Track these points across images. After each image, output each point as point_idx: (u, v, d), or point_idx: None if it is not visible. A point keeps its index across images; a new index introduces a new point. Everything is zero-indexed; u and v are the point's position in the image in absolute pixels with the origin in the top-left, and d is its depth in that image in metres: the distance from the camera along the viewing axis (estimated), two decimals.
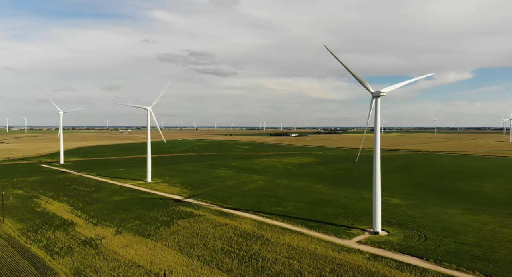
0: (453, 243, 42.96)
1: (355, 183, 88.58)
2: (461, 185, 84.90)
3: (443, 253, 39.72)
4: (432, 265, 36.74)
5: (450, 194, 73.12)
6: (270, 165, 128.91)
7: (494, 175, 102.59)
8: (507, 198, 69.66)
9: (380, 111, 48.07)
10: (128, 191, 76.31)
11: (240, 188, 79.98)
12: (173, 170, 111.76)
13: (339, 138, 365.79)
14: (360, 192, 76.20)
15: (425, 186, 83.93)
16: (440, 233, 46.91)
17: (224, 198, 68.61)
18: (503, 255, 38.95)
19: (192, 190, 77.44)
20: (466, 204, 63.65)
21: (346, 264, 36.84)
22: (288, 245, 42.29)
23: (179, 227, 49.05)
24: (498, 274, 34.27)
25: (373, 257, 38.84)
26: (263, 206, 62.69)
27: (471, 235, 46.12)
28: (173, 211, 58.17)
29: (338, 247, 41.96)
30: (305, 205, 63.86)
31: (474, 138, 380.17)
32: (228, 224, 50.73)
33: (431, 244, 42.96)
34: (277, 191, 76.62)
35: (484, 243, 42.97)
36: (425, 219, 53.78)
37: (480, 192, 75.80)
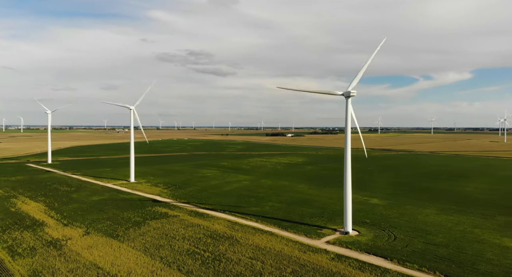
0: (421, 243, 42.73)
1: (339, 183, 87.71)
2: (444, 185, 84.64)
3: (408, 254, 39.43)
4: (394, 266, 36.43)
5: (431, 194, 72.86)
6: (259, 165, 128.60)
7: (480, 175, 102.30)
8: (487, 198, 69.45)
9: (352, 111, 47.93)
10: (108, 191, 75.95)
11: (222, 188, 79.63)
12: (160, 169, 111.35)
13: (334, 138, 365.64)
14: (341, 192, 75.63)
15: (409, 186, 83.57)
16: (410, 233, 46.68)
17: (203, 199, 68.16)
18: (469, 256, 38.69)
19: (174, 190, 77.04)
20: (444, 204, 63.41)
21: (309, 265, 36.55)
22: (256, 246, 41.98)
23: (150, 228, 48.65)
24: (459, 275, 33.92)
25: (337, 257, 38.55)
26: (241, 206, 62.29)
27: (441, 235, 45.89)
28: (148, 211, 57.75)
29: (305, 247, 41.68)
30: (283, 205, 63.57)
31: (469, 138, 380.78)
32: (201, 224, 50.38)
33: (399, 244, 42.66)
34: (258, 191, 76.26)
35: (453, 243, 42.72)
36: (399, 219, 53.53)
37: (461, 192, 75.57)
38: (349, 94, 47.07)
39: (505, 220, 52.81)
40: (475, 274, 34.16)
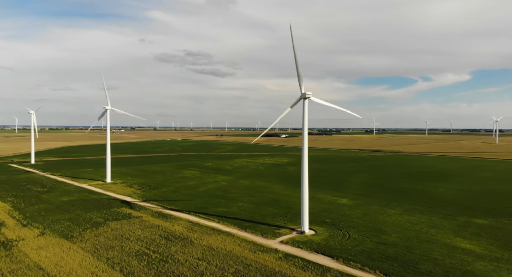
0: (373, 243, 42.91)
1: (315, 183, 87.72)
2: (418, 186, 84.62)
3: (356, 253, 39.54)
4: (338, 265, 36.55)
5: (402, 195, 72.92)
6: (243, 165, 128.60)
7: (457, 176, 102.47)
8: (455, 199, 69.51)
9: (307, 112, 48.12)
10: (80, 191, 75.73)
11: (197, 189, 79.51)
12: (141, 170, 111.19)
13: (328, 139, 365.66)
14: (315, 192, 75.81)
15: (383, 186, 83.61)
16: (366, 233, 46.81)
17: (173, 199, 67.96)
18: (415, 255, 38.80)
19: (146, 191, 76.89)
20: (410, 205, 63.52)
21: (254, 264, 36.54)
22: (208, 246, 41.98)
23: (108, 229, 48.56)
24: (399, 273, 34.07)
25: (285, 257, 38.60)
26: (209, 207, 62.31)
27: (395, 235, 46.01)
28: (112, 212, 57.60)
29: (257, 247, 41.65)
30: (252, 205, 63.56)
31: (462, 139, 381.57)
32: (160, 225, 50.36)
33: (351, 243, 42.80)
34: (232, 192, 76.25)
35: (404, 243, 42.85)
36: (360, 219, 53.68)
37: (432, 192, 75.67)
38: (306, 95, 47.37)
39: (465, 220, 53.06)
40: (415, 273, 34.33)
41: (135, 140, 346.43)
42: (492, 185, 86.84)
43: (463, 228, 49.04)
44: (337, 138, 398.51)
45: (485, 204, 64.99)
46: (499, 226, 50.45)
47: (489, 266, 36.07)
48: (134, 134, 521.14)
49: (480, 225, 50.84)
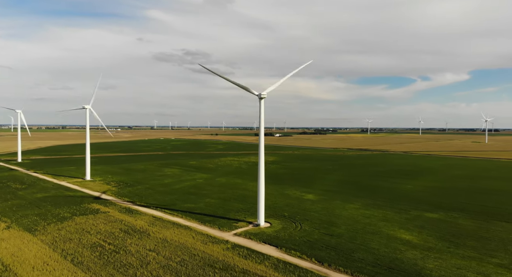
0: (320, 234, 45.32)
1: (290, 180, 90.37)
2: (388, 183, 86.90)
3: (300, 243, 41.92)
4: (279, 253, 38.86)
5: (368, 191, 75.24)
6: (226, 164, 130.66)
7: (431, 173, 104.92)
8: (418, 195, 71.72)
9: (263, 111, 50.22)
10: (57, 188, 77.75)
11: (172, 187, 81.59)
12: (123, 168, 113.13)
13: (320, 139, 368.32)
14: (285, 188, 78.24)
15: (354, 183, 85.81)
16: (317, 225, 49.17)
17: (145, 196, 70.00)
18: (355, 245, 41.20)
19: (122, 188, 78.91)
20: (372, 200, 65.89)
21: (201, 254, 38.77)
22: (163, 239, 44.12)
23: (72, 223, 50.62)
24: (333, 261, 36.47)
25: (233, 247, 40.83)
26: (177, 203, 64.41)
27: (344, 227, 48.42)
28: (81, 208, 59.58)
29: (210, 239, 43.90)
30: (219, 201, 65.71)
31: (454, 139, 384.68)
32: (124, 220, 52.42)
33: (299, 234, 45.14)
34: (205, 189, 78.37)
35: (349, 234, 45.27)
36: (317, 213, 55.94)
37: (398, 189, 78.05)
38: (261, 96, 49.46)
39: (417, 214, 55.46)
40: (347, 260, 36.73)
41: (128, 139, 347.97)
42: (460, 182, 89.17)
43: (410, 221, 51.43)
44: (330, 138, 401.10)
45: (443, 199, 67.46)
46: (446, 219, 52.86)
47: (418, 254, 38.44)
48: (129, 133, 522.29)
49: (429, 218, 53.28)
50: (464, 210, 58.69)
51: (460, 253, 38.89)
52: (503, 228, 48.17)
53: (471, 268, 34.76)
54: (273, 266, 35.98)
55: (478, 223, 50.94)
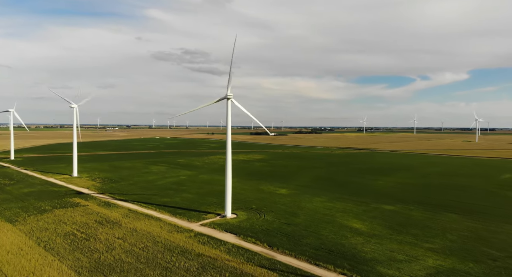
0: (279, 223, 49.10)
1: (269, 177, 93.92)
2: (362, 179, 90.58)
3: (258, 231, 45.67)
4: (236, 240, 42.64)
5: (339, 186, 78.85)
6: (214, 162, 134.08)
7: (408, 170, 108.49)
8: (386, 189, 75.40)
9: (230, 111, 53.68)
10: (44, 184, 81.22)
11: (154, 183, 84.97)
12: (112, 166, 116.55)
13: (314, 138, 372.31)
14: (261, 184, 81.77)
15: (330, 180, 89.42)
16: (280, 216, 52.92)
17: (126, 191, 73.59)
18: (307, 232, 45.10)
19: (106, 184, 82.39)
20: (339, 194, 69.61)
21: (163, 242, 42.29)
22: (133, 229, 47.63)
23: (51, 215, 54.13)
24: (282, 245, 40.41)
25: (195, 235, 44.46)
26: (155, 198, 67.88)
27: (303, 217, 52.21)
28: (63, 201, 63.10)
29: (176, 228, 47.50)
30: (196, 196, 69.21)
31: (446, 138, 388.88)
32: (100, 212, 55.92)
33: (259, 224, 48.88)
34: (185, 185, 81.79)
35: (305, 223, 49.14)
36: (283, 205, 59.72)
37: (369, 185, 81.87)
38: (227, 97, 52.93)
39: (375, 206, 59.25)
40: (295, 245, 40.57)
41: (123, 138, 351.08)
42: (432, 179, 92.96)
43: (367, 213, 55.19)
44: (324, 137, 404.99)
45: (407, 194, 71.22)
46: (401, 211, 56.60)
47: (361, 240, 42.15)
48: (125, 132, 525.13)
49: (385, 210, 57.07)
50: (422, 203, 62.47)
51: (399, 239, 42.55)
52: (449, 218, 51.92)
53: (403, 251, 38.44)
54: (227, 250, 39.57)
55: (429, 214, 54.75)
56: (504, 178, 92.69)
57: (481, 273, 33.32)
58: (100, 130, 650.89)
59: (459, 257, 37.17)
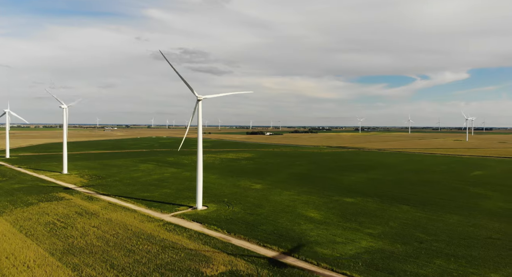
0: (244, 213, 53.83)
1: (250, 174, 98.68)
2: (337, 175, 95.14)
3: (222, 220, 50.33)
4: (200, 227, 47.32)
5: (312, 182, 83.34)
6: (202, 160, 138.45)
7: (385, 168, 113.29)
8: (355, 185, 79.93)
9: (201, 112, 58.24)
10: (34, 180, 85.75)
11: (138, 179, 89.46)
12: (102, 164, 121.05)
13: (308, 137, 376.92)
14: (240, 180, 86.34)
15: (306, 176, 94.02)
16: (246, 208, 57.70)
17: (110, 187, 78.09)
18: (266, 221, 49.81)
19: (93, 180, 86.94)
20: (308, 188, 74.32)
21: (134, 229, 46.82)
22: (108, 219, 52.12)
23: (36, 207, 58.69)
24: (240, 231, 45.12)
25: (164, 224, 49.00)
26: (136, 192, 72.40)
27: (267, 208, 57.01)
28: (49, 196, 67.73)
29: (148, 219, 52.01)
30: (174, 191, 73.74)
31: (438, 137, 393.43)
32: (82, 205, 60.43)
33: (225, 214, 53.59)
34: (168, 181, 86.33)
35: (267, 213, 53.85)
36: (253, 199, 64.46)
37: (341, 180, 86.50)
38: (198, 98, 57.46)
39: (336, 199, 64.05)
40: (252, 230, 45.37)
41: (120, 137, 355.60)
42: (405, 175, 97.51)
43: (326, 204, 59.95)
44: (318, 136, 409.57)
45: (373, 188, 75.82)
46: (358, 203, 61.37)
47: (311, 227, 46.84)
48: (123, 132, 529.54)
49: (345, 202, 61.83)
50: (382, 196, 67.14)
51: (345, 226, 47.14)
52: (400, 209, 56.56)
53: (343, 236, 43.15)
54: (189, 236, 44.08)
55: (383, 205, 59.47)
56: (473, 175, 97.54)
57: (403, 252, 37.98)
58: (99, 130, 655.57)
59: (391, 240, 41.79)
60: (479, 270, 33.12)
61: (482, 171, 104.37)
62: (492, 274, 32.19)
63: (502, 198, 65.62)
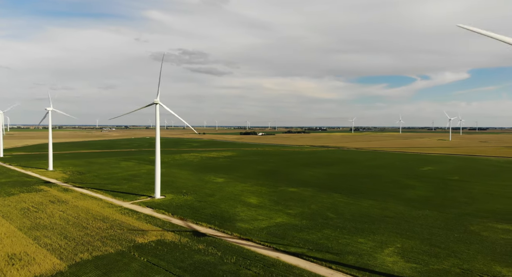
0: (194, 201, 62.55)
1: (221, 170, 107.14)
2: (299, 170, 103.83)
3: (172, 206, 59.01)
4: (150, 212, 56.01)
5: (270, 176, 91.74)
6: (183, 158, 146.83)
7: (347, 164, 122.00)
8: (308, 178, 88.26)
9: (159, 115, 66.72)
10: (20, 176, 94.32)
11: (114, 175, 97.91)
12: (87, 162, 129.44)
13: (299, 137, 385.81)
14: (207, 175, 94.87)
15: (270, 171, 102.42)
16: (199, 197, 66.49)
17: (87, 181, 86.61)
18: (210, 206, 58.26)
19: (73, 176, 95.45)
20: (262, 181, 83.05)
21: (94, 213, 55.29)
22: (75, 205, 60.50)
23: (17, 197, 67.20)
24: (184, 214, 53.69)
25: (121, 209, 57.49)
26: (108, 185, 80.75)
27: (217, 197, 65.83)
28: (30, 188, 76.30)
29: (110, 205, 60.44)
30: (142, 184, 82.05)
31: (425, 137, 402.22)
32: (56, 195, 68.85)
33: (178, 202, 62.09)
34: (140, 176, 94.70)
35: (214, 200, 62.34)
36: (208, 190, 73.19)
37: (299, 174, 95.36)
38: (154, 102, 65.87)
39: (282, 189, 73.06)
40: (195, 213, 53.95)
41: (114, 138, 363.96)
42: (360, 170, 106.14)
43: (269, 193, 68.97)
44: (309, 136, 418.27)
45: (321, 180, 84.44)
46: (298, 192, 70.08)
47: (244, 209, 55.69)
48: (119, 133, 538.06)
49: (287, 191, 70.65)
50: (321, 186, 76.03)
51: (273, 208, 55.76)
52: (328, 196, 65.49)
53: (266, 215, 52.01)
54: (137, 217, 52.47)
55: (317, 193, 68.45)
56: (422, 170, 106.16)
57: (304, 225, 46.76)
58: (96, 131, 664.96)
59: (301, 218, 50.41)
60: (352, 236, 41.90)
61: (433, 167, 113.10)
62: (360, 239, 40.85)
63: (426, 188, 74.63)
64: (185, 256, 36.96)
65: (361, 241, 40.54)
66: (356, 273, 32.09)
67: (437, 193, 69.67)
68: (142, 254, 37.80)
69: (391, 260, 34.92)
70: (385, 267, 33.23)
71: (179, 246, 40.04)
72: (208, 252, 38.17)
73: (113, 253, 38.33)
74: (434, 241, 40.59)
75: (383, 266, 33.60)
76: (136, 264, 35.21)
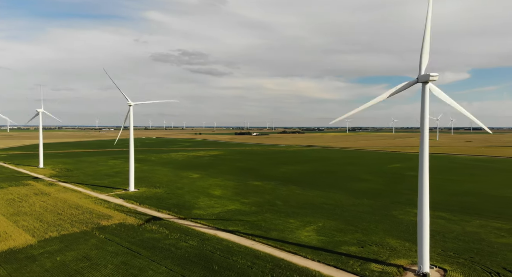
0: (163, 193, 69.41)
1: (199, 167, 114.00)
2: (274, 167, 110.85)
3: (142, 197, 65.72)
4: (121, 202, 62.73)
5: (243, 172, 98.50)
6: (170, 157, 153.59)
7: (321, 161, 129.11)
8: (276, 174, 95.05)
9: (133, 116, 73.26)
10: (12, 172, 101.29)
11: (100, 172, 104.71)
12: (77, 160, 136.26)
13: (291, 137, 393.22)
14: (185, 172, 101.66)
15: (247, 169, 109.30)
16: (169, 190, 73.39)
17: (72, 177, 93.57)
18: (175, 197, 64.99)
19: (61, 172, 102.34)
20: (233, 176, 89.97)
21: (71, 203, 61.99)
22: (56, 197, 67.12)
23: (5, 190, 74.16)
24: (150, 204, 60.26)
25: (95, 200, 64.24)
26: (90, 181, 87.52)
27: (185, 190, 72.76)
28: (19, 183, 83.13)
29: (87, 197, 67.10)
30: (121, 180, 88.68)
31: (413, 137, 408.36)
32: (41, 189, 75.61)
33: (148, 194, 68.86)
34: (123, 173, 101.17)
35: (181, 192, 69.20)
36: (179, 184, 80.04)
37: (272, 171, 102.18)
38: (129, 104, 72.46)
39: (248, 183, 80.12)
40: (160, 202, 60.87)
41: (111, 138, 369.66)
42: (327, 167, 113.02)
43: (235, 186, 75.99)
44: (301, 136, 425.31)
45: (288, 175, 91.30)
46: (262, 185, 77.00)
47: (206, 199, 62.73)
48: (117, 133, 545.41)
49: (251, 185, 77.59)
50: (285, 180, 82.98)
51: (232, 198, 62.69)
52: (286, 188, 72.61)
53: (222, 204, 59.03)
54: (108, 206, 59.20)
55: (277, 186, 75.40)
56: (388, 167, 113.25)
57: (251, 211, 53.88)
58: (95, 131, 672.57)
59: (252, 205, 57.33)
60: (285, 218, 49.01)
61: (401, 164, 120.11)
62: (291, 220, 47.76)
63: (379, 182, 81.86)
64: (137, 234, 43.74)
65: (291, 221, 47.40)
66: (272, 244, 38.86)
67: (388, 186, 76.52)
68: (102, 233, 44.56)
69: (306, 234, 41.85)
70: (297, 239, 40.16)
71: (135, 227, 46.82)
72: (158, 231, 44.93)
73: (78, 232, 45.13)
74: (352, 221, 47.52)
75: (297, 239, 40.51)
76: (94, 240, 41.93)
